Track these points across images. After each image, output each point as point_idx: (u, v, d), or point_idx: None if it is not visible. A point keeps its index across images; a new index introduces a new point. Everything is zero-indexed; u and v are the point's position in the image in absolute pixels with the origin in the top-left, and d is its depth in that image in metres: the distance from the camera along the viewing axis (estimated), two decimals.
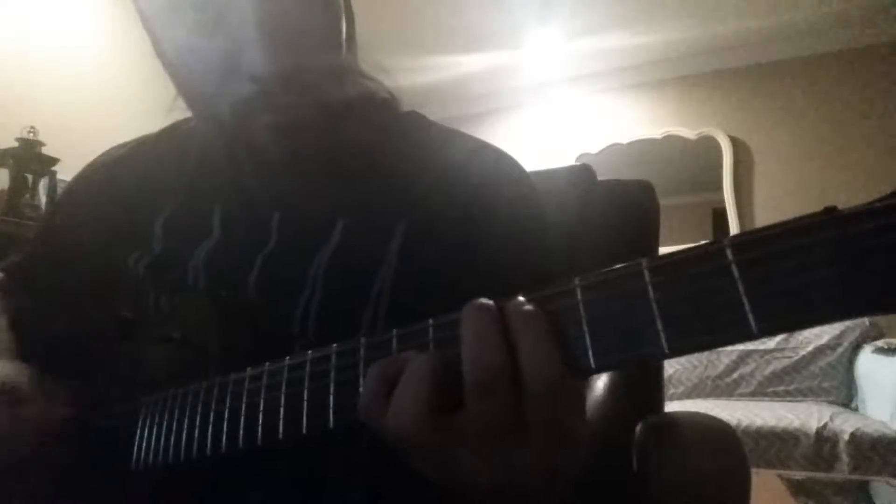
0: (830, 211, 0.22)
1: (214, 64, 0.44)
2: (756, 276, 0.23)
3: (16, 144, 1.86)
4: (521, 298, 0.29)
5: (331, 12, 0.47)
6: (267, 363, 0.37)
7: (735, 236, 0.24)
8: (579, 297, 0.28)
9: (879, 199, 0.22)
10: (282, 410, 0.35)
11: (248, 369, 0.38)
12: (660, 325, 0.25)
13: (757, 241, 0.23)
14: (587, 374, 0.28)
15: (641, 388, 0.73)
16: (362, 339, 0.34)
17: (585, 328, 0.27)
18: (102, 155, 0.66)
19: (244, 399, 0.38)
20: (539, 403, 0.28)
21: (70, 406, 0.48)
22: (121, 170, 0.62)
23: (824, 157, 2.89)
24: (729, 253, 0.24)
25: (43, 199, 1.91)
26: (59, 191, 1.92)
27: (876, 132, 2.83)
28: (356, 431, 0.33)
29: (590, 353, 0.27)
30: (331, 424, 0.34)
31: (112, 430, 0.49)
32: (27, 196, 1.89)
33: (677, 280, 0.25)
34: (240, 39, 0.42)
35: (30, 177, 1.90)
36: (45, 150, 1.89)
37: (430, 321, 0.32)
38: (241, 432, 0.37)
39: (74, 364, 0.51)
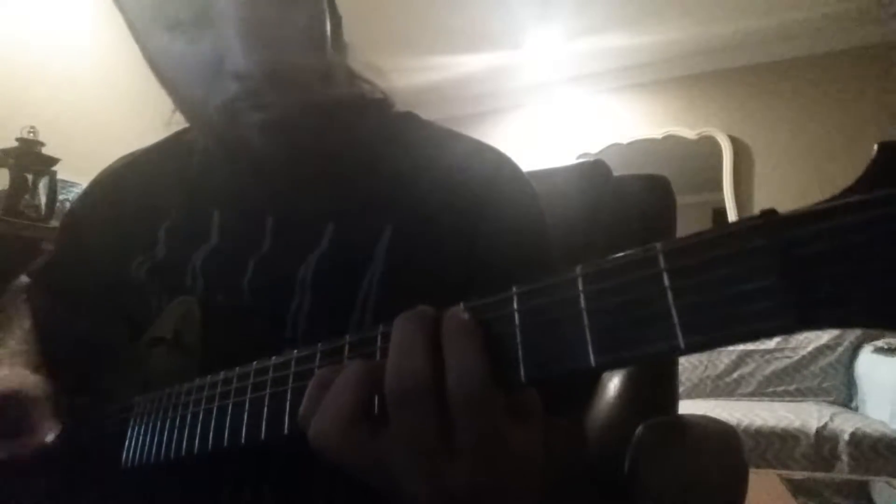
0: (768, 214, 0.20)
1: (200, 65, 0.44)
2: (686, 287, 0.21)
3: (16, 144, 1.85)
4: (459, 306, 0.28)
5: (312, 12, 0.47)
6: (255, 363, 0.37)
7: (669, 242, 0.22)
8: (515, 306, 0.26)
9: (826, 200, 0.19)
10: (265, 411, 0.35)
11: (237, 369, 0.38)
12: (588, 338, 0.23)
13: (691, 248, 0.22)
14: (518, 387, 0.26)
15: (653, 390, 0.71)
16: (318, 346, 0.33)
17: (519, 339, 0.26)
18: (113, 163, 0.67)
19: (231, 399, 0.37)
20: (464, 417, 0.26)
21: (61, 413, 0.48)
22: (127, 178, 0.63)
23: (824, 157, 2.89)
24: (661, 260, 0.22)
25: (43, 199, 1.90)
26: (59, 191, 1.93)
27: (876, 132, 2.82)
28: None
29: (521, 365, 0.25)
30: (285, 431, 0.33)
31: (104, 430, 0.49)
32: (27, 196, 1.88)
33: (608, 289, 0.24)
34: (222, 38, 0.42)
35: (30, 177, 1.89)
36: (45, 150, 1.89)
37: (380, 329, 0.30)
38: (226, 432, 0.37)
39: (84, 366, 0.52)
